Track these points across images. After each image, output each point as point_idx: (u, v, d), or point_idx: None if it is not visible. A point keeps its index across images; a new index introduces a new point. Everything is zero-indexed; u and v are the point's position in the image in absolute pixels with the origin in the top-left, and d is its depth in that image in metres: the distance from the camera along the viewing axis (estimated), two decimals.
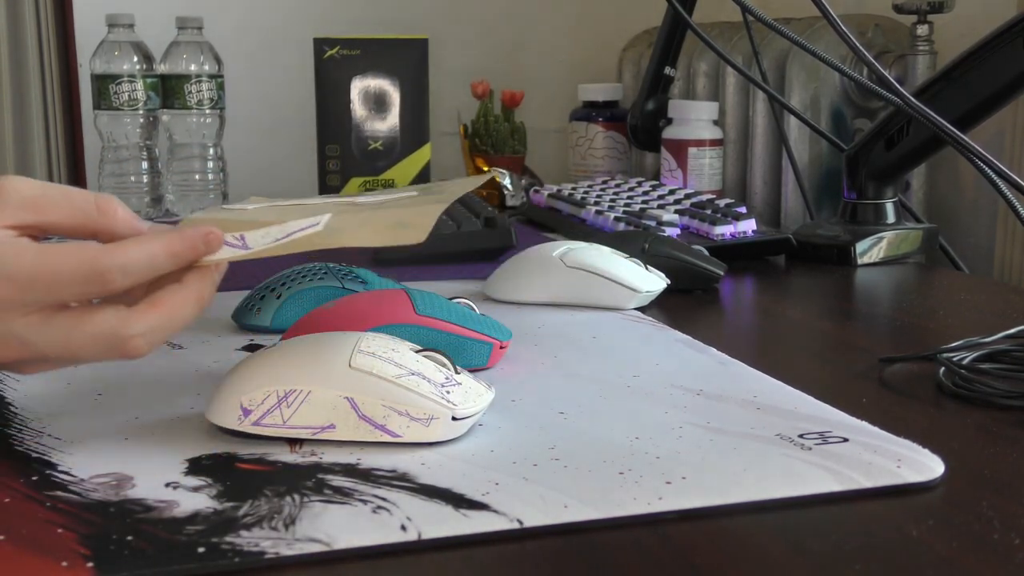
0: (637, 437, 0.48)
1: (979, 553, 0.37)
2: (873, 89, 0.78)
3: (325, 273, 0.67)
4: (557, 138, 1.63)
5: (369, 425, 0.46)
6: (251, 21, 1.52)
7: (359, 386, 0.46)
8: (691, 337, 0.66)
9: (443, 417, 0.46)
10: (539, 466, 0.44)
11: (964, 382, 0.55)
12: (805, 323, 0.74)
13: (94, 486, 0.42)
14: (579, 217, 1.04)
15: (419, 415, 0.46)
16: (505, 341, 0.59)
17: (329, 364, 0.46)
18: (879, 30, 1.14)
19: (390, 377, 0.46)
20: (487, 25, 1.64)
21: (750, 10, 0.84)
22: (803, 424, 0.50)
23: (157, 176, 1.20)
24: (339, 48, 1.26)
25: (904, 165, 0.94)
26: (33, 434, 0.48)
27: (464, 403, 0.47)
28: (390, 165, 1.29)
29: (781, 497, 0.42)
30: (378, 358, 0.47)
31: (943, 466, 0.44)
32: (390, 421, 0.46)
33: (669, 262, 0.79)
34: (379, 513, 0.40)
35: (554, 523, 0.39)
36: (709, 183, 1.22)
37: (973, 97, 0.83)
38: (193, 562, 0.36)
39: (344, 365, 0.46)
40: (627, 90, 1.48)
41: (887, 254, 0.94)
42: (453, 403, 0.46)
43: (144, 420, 0.50)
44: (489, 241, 0.91)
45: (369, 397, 0.46)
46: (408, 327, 0.56)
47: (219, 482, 0.43)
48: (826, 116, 1.16)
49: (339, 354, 0.47)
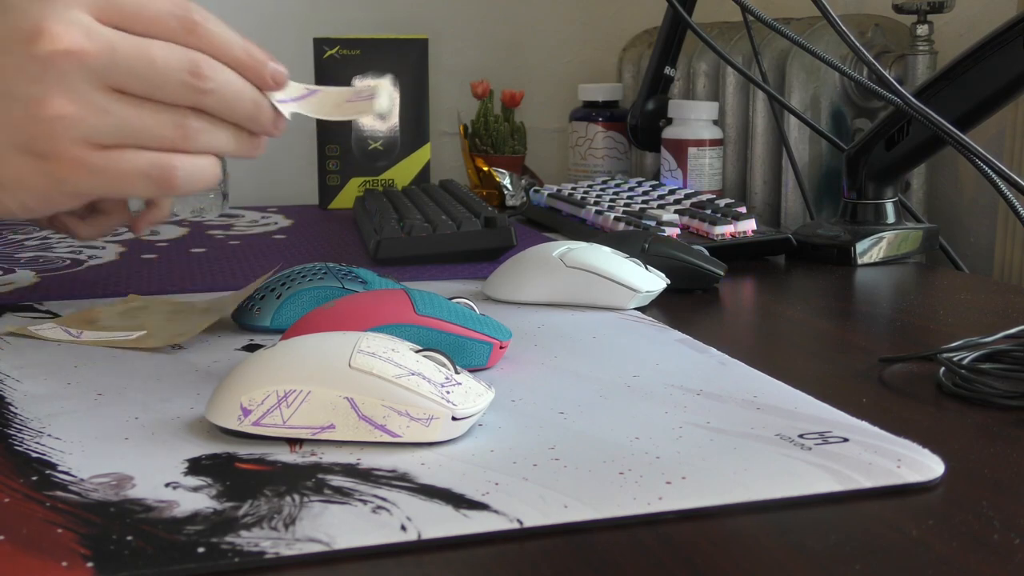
0: (637, 437, 0.48)
1: (979, 553, 0.37)
2: (873, 89, 0.78)
3: (325, 273, 0.67)
4: (557, 138, 1.63)
5: (369, 425, 0.46)
6: (251, 21, 1.52)
7: (359, 386, 0.46)
8: (691, 337, 0.66)
9: (443, 417, 0.46)
10: (539, 466, 0.44)
11: (964, 382, 0.55)
12: (805, 323, 0.74)
13: (94, 486, 0.42)
14: (579, 217, 1.05)
15: (419, 415, 0.46)
16: (505, 341, 0.59)
17: (329, 364, 0.46)
18: (879, 30, 1.14)
19: (390, 377, 0.46)
20: (487, 25, 1.64)
21: (750, 10, 0.84)
22: (803, 424, 0.50)
23: None
24: (339, 48, 1.26)
25: (904, 165, 0.94)
26: (33, 434, 0.48)
27: (464, 403, 0.47)
28: (390, 165, 1.29)
29: (781, 497, 0.42)
30: (378, 358, 0.47)
31: (943, 466, 0.44)
32: (390, 421, 0.46)
33: (669, 262, 0.79)
34: (379, 513, 0.40)
35: (554, 523, 0.39)
36: (709, 183, 1.22)
37: (973, 97, 0.83)
38: (193, 562, 0.36)
39: (344, 365, 0.46)
40: (627, 90, 1.48)
41: (887, 254, 0.94)
42: (453, 403, 0.46)
43: (144, 420, 0.50)
44: (489, 241, 0.91)
45: (369, 397, 0.46)
46: (408, 327, 0.56)
47: (219, 482, 0.43)
48: (826, 116, 1.16)
49: (339, 354, 0.47)
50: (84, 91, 0.46)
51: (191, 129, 0.48)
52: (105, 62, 0.46)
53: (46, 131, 0.45)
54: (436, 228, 0.92)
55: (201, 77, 0.48)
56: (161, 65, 0.47)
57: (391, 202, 1.07)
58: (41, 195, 0.46)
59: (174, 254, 0.96)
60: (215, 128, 0.50)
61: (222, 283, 0.82)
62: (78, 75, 0.45)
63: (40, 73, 0.45)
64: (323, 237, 1.05)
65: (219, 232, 1.09)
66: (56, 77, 0.45)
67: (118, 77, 0.46)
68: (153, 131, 0.47)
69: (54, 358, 0.61)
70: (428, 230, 0.91)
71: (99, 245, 1.00)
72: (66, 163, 0.45)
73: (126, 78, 0.47)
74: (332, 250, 0.98)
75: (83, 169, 0.46)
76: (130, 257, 0.94)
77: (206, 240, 1.04)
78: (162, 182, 0.46)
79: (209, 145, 0.49)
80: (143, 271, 0.87)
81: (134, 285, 0.81)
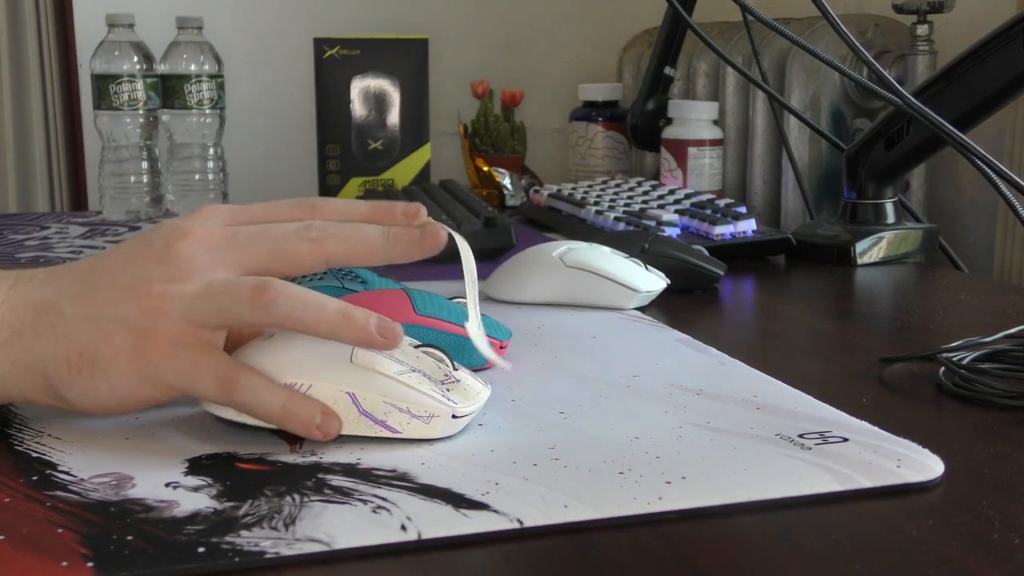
0: (637, 437, 0.48)
1: (979, 553, 0.37)
2: (873, 89, 0.78)
3: (325, 273, 0.67)
4: (557, 138, 1.63)
5: (369, 420, 0.46)
6: (251, 21, 1.52)
7: (361, 382, 0.46)
8: (691, 337, 0.66)
9: (443, 415, 0.46)
10: (539, 466, 0.44)
11: (964, 382, 0.55)
12: (805, 323, 0.74)
13: (94, 486, 0.42)
14: (579, 217, 1.04)
15: (420, 412, 0.46)
16: (505, 341, 0.59)
17: (331, 358, 0.46)
18: (879, 30, 1.14)
19: (392, 374, 0.46)
20: (487, 25, 1.64)
21: (750, 10, 0.84)
22: (803, 424, 0.50)
23: (157, 176, 1.20)
24: (339, 48, 1.26)
25: (904, 165, 0.94)
26: (33, 434, 0.48)
27: (463, 401, 0.47)
28: (390, 165, 1.29)
29: (781, 497, 0.42)
30: (379, 353, 0.47)
31: (943, 466, 0.44)
32: (390, 417, 0.46)
33: (669, 262, 0.79)
34: (379, 513, 0.40)
35: (554, 523, 0.39)
36: (709, 183, 1.22)
37: (973, 97, 0.83)
38: (193, 562, 0.36)
39: (346, 360, 0.46)
40: (627, 90, 1.48)
41: (887, 254, 0.94)
42: (453, 401, 0.47)
43: (144, 420, 0.50)
44: (489, 241, 0.91)
45: (371, 393, 0.46)
46: (408, 327, 0.56)
47: (219, 482, 0.43)
48: (826, 116, 1.16)
49: (341, 349, 0.47)
50: (204, 261, 0.47)
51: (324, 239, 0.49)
52: (229, 236, 0.48)
53: (156, 307, 0.46)
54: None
55: (312, 228, 0.48)
56: (279, 220, 0.50)
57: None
58: (130, 376, 0.46)
59: None
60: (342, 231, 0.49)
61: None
62: (202, 251, 0.47)
63: (168, 257, 0.47)
64: None
65: None
66: (181, 261, 0.47)
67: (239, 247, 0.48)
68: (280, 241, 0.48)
69: None
70: None
71: (99, 245, 1.00)
72: (161, 341, 0.46)
73: (245, 244, 0.48)
74: None
75: (171, 349, 0.46)
76: None
77: None
78: (226, 386, 0.46)
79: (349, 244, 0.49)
80: None
81: None
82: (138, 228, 1.11)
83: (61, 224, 1.13)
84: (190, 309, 0.46)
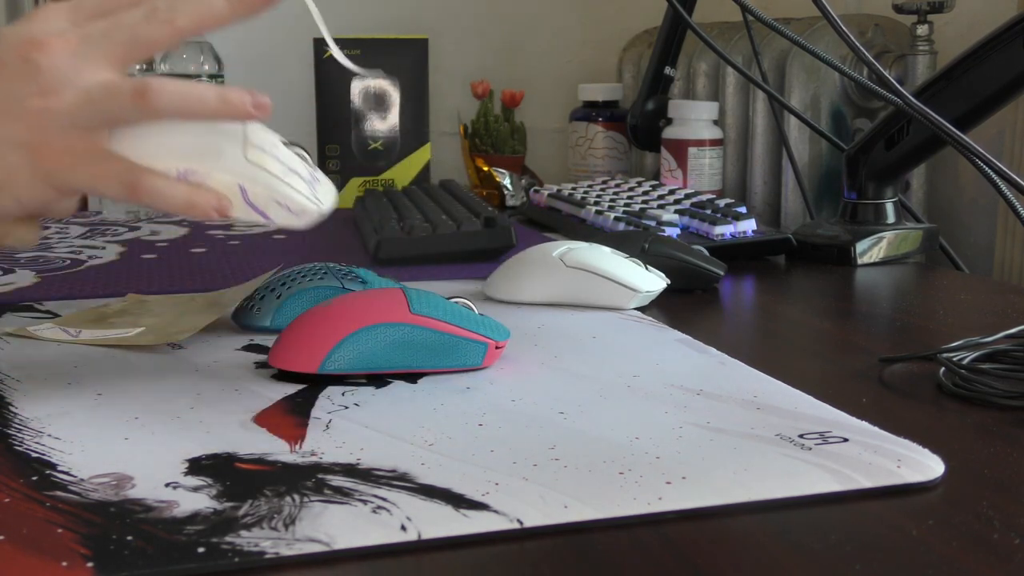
0: (637, 437, 0.48)
1: (979, 553, 0.37)
2: (873, 89, 0.78)
3: (325, 273, 0.67)
4: (557, 138, 1.63)
5: (251, 209, 0.51)
6: (251, 21, 1.52)
7: (252, 176, 0.51)
8: (691, 337, 0.66)
9: (311, 213, 0.53)
10: (539, 466, 0.44)
11: (964, 382, 0.55)
12: (805, 323, 0.74)
13: (94, 486, 0.42)
14: (579, 217, 1.04)
15: (295, 208, 0.52)
16: (502, 341, 0.59)
17: (226, 152, 0.51)
18: (879, 30, 1.14)
19: (276, 173, 0.52)
20: (487, 25, 1.64)
21: (750, 10, 0.84)
22: (803, 424, 0.50)
23: None
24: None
25: (904, 165, 0.94)
26: (33, 434, 0.48)
27: (325, 200, 0.54)
28: (390, 165, 1.29)
29: (781, 497, 0.42)
30: (266, 153, 0.52)
31: (943, 466, 0.44)
32: (270, 209, 0.51)
33: (669, 262, 0.79)
34: (379, 513, 0.40)
35: (554, 523, 0.39)
36: (709, 183, 1.22)
37: (973, 97, 0.83)
38: (193, 562, 0.36)
39: (240, 156, 0.51)
40: (627, 90, 1.48)
41: (887, 254, 0.94)
42: (321, 201, 0.53)
43: (144, 420, 0.50)
44: (489, 241, 0.91)
45: (259, 188, 0.51)
46: (402, 326, 0.56)
47: (219, 482, 0.43)
48: (826, 116, 1.16)
49: (233, 142, 0.51)
50: (71, 68, 0.49)
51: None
52: (84, 37, 0.49)
53: (40, 123, 0.48)
54: (436, 228, 0.92)
55: (159, 10, 0.50)
56: (119, 7, 0.51)
57: (391, 202, 1.07)
58: (34, 188, 0.49)
59: (174, 254, 0.96)
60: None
61: (222, 283, 0.82)
62: (66, 58, 0.49)
63: (33, 71, 0.48)
64: (323, 237, 1.05)
65: (219, 232, 1.09)
66: (48, 73, 0.48)
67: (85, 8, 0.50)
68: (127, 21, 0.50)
69: (54, 358, 0.61)
70: (428, 230, 0.91)
71: (99, 245, 1.00)
72: (57, 152, 0.48)
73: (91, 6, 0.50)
74: (332, 250, 0.98)
75: (69, 159, 0.48)
76: (130, 257, 0.94)
77: (206, 240, 1.04)
78: (130, 189, 0.49)
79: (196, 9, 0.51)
80: (143, 271, 0.87)
81: (134, 285, 0.81)
82: (138, 228, 1.11)
83: (61, 224, 1.13)
84: (76, 118, 0.48)
